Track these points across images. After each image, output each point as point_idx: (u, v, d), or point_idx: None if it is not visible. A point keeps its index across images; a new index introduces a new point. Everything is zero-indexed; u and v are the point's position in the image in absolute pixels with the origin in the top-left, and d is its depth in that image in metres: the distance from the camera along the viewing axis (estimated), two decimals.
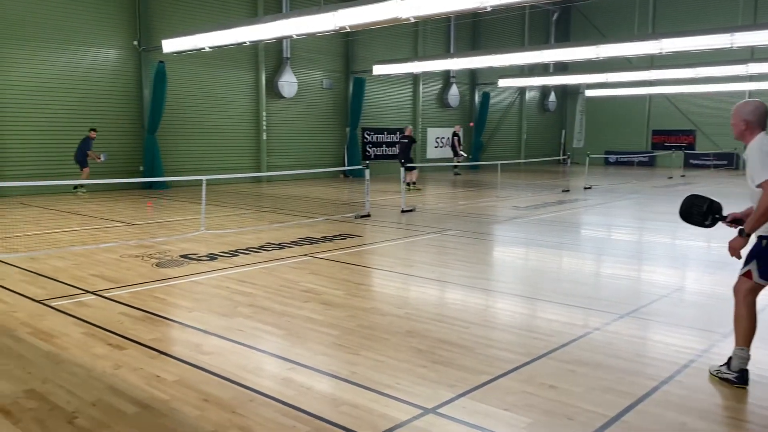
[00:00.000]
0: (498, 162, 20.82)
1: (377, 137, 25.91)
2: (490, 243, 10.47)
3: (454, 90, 28.86)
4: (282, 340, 5.19)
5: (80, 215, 12.89)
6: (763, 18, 26.90)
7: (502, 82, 26.64)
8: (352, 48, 24.33)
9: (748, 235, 4.13)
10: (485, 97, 29.57)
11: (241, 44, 14.63)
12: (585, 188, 19.32)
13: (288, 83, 22.20)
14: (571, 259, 9.07)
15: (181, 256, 8.57)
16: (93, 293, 6.65)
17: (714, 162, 30.62)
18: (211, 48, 15.16)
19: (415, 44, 26.76)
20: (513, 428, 3.65)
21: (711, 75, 22.21)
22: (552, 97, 34.94)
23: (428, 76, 27.52)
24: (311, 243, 9.70)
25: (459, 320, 5.76)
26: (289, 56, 22.21)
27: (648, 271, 8.33)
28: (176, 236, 10.28)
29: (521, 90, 32.73)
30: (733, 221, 4.38)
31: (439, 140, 28.69)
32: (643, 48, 16.12)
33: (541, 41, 32.34)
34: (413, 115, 27.40)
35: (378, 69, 21.83)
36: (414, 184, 18.51)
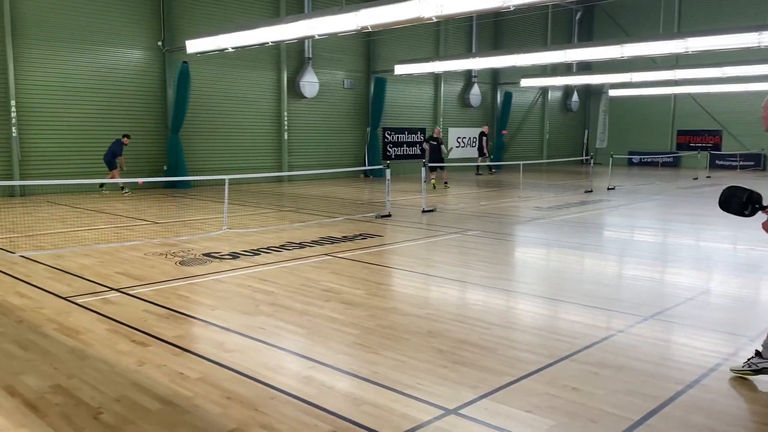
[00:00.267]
0: (520, 162, 20.69)
1: (398, 137, 25.89)
2: (512, 244, 10.40)
3: (476, 90, 28.75)
4: (303, 339, 5.21)
5: (105, 213, 13.06)
6: None
7: (525, 82, 26.46)
8: (374, 48, 24.35)
9: None
10: (507, 97, 29.40)
11: (264, 44, 14.71)
12: (608, 189, 19.12)
13: (309, 83, 22.28)
14: (594, 261, 8.98)
15: (204, 255, 8.64)
16: (118, 290, 6.73)
17: (741, 163, 30.10)
18: (234, 48, 15.27)
19: (437, 44, 26.70)
20: (535, 430, 3.62)
21: (738, 74, 21.84)
22: (575, 97, 34.62)
23: (450, 76, 27.44)
24: (332, 242, 9.72)
25: (480, 321, 5.73)
26: (311, 56, 22.30)
27: (673, 273, 8.21)
28: (199, 235, 10.37)
29: (543, 90, 32.48)
30: None
31: (461, 140, 28.60)
32: (669, 47, 15.90)
33: (564, 40, 32.07)
34: (434, 115, 27.34)
35: (399, 69, 21.81)
36: (446, 184, 19.20)
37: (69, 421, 3.67)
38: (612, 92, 31.72)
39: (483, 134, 24.88)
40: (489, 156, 25.90)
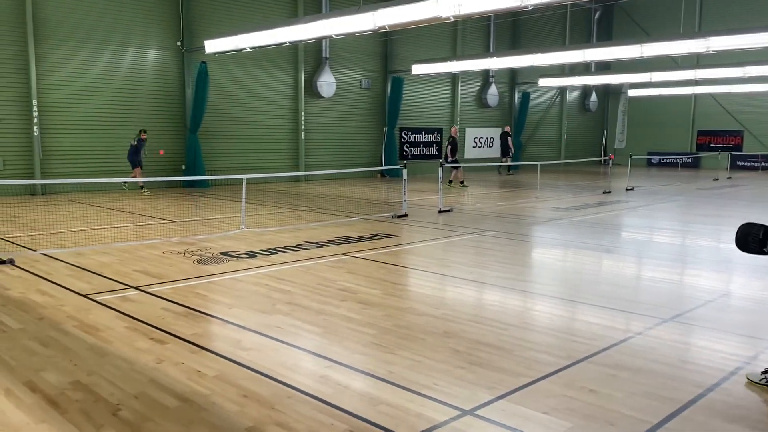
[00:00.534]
0: (537, 162, 20.59)
1: (415, 137, 25.86)
2: (529, 244, 10.35)
3: (493, 89, 28.63)
4: (320, 338, 5.22)
5: (124, 212, 13.20)
6: None
7: (543, 82, 26.31)
8: (391, 47, 24.35)
9: None
10: (525, 97, 29.25)
11: (282, 44, 14.76)
12: (627, 190, 18.95)
13: (327, 83, 22.34)
14: (612, 262, 8.91)
15: (222, 254, 8.70)
16: (136, 288, 6.80)
17: (762, 164, 29.68)
18: (252, 48, 15.35)
19: (454, 43, 26.63)
20: None
21: (760, 74, 21.52)
22: (593, 97, 34.34)
23: (467, 76, 27.36)
24: (348, 242, 9.74)
25: (497, 322, 5.71)
26: (329, 56, 22.35)
27: (692, 275, 8.12)
28: (217, 234, 10.44)
29: (562, 89, 32.26)
30: None
31: (478, 140, 28.51)
32: (690, 46, 15.71)
33: (583, 40, 31.83)
34: (452, 115, 27.27)
35: (417, 68, 21.80)
36: (462, 183, 19.18)
37: (88, 418, 3.72)
38: (631, 92, 31.42)
39: (508, 134, 24.95)
40: (511, 155, 25.87)
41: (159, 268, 7.79)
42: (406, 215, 12.64)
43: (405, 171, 13.15)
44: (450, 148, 18.96)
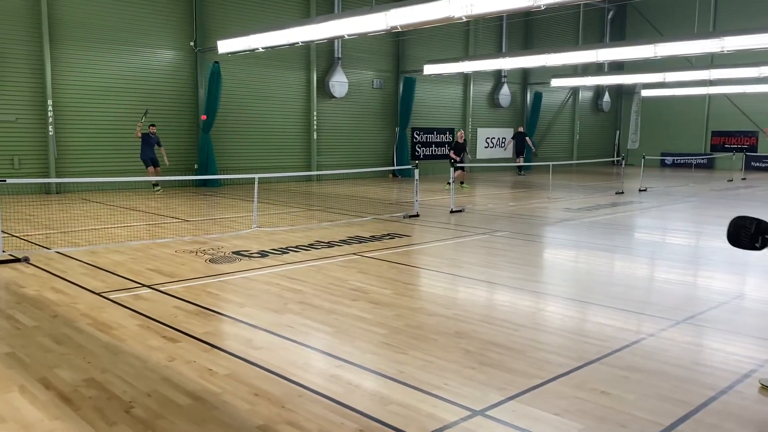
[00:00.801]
0: (550, 163, 20.49)
1: (427, 137, 25.84)
2: (541, 245, 10.31)
3: (506, 90, 28.54)
4: (331, 338, 5.24)
5: (137, 211, 13.29)
6: None
7: (555, 82, 26.19)
8: (403, 48, 24.34)
9: None
10: (537, 97, 29.13)
11: (294, 44, 14.80)
12: (640, 190, 18.83)
13: (339, 83, 22.37)
14: (624, 263, 8.86)
15: (234, 253, 8.74)
16: (149, 287, 6.85)
17: None
18: (265, 48, 15.40)
19: (467, 43, 26.58)
20: None
21: None
22: (606, 97, 34.14)
23: (479, 76, 27.29)
24: (360, 242, 9.75)
25: (508, 322, 5.70)
26: (341, 56, 22.38)
27: (706, 277, 8.06)
28: (229, 233, 10.49)
29: (574, 90, 32.11)
30: None
31: (490, 140, 28.44)
32: (704, 46, 15.57)
33: (596, 40, 31.66)
34: (463, 115, 27.22)
35: (429, 69, 21.77)
36: (462, 184, 18.97)
37: (102, 415, 3.75)
38: (644, 92, 31.21)
39: (524, 134, 24.89)
40: (532, 154, 25.85)
41: (171, 267, 7.84)
42: (418, 215, 12.64)
43: (417, 171, 13.14)
44: (453, 151, 18.93)
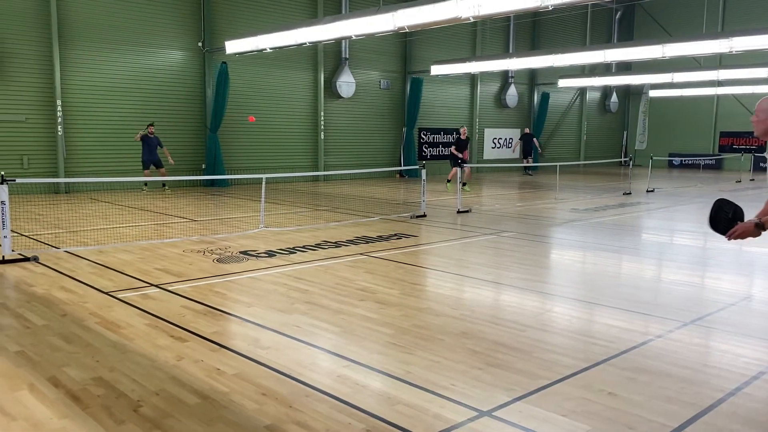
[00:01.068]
0: (557, 163, 20.46)
1: (434, 137, 25.84)
2: (548, 245, 10.29)
3: (513, 90, 28.50)
4: (337, 338, 5.25)
5: (145, 211, 13.35)
6: None
7: (563, 83, 26.14)
8: (410, 48, 24.35)
9: (763, 229, 3.81)
10: (544, 98, 29.08)
11: (301, 45, 14.83)
12: (647, 191, 18.76)
13: (346, 83, 22.40)
14: (632, 264, 8.83)
15: (241, 253, 8.77)
16: (157, 286, 6.88)
17: None
18: (272, 49, 15.45)
19: (474, 44, 26.56)
20: None
21: None
22: (614, 98, 34.04)
23: (486, 76, 27.27)
24: (367, 242, 9.76)
25: (515, 323, 5.69)
26: (348, 57, 22.41)
27: (714, 278, 8.02)
28: (236, 233, 10.52)
29: (582, 90, 32.03)
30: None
31: (497, 141, 28.41)
32: (712, 47, 15.52)
33: (603, 40, 31.58)
34: (470, 116, 27.20)
35: (436, 69, 21.77)
36: (464, 185, 18.79)
37: (110, 413, 3.77)
38: (652, 93, 31.10)
39: (532, 135, 24.86)
40: (538, 154, 25.82)
41: (179, 267, 7.87)
42: (425, 215, 12.63)
43: (424, 171, 13.14)
44: (455, 147, 18.70)
